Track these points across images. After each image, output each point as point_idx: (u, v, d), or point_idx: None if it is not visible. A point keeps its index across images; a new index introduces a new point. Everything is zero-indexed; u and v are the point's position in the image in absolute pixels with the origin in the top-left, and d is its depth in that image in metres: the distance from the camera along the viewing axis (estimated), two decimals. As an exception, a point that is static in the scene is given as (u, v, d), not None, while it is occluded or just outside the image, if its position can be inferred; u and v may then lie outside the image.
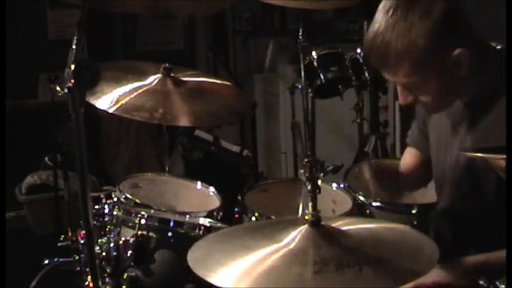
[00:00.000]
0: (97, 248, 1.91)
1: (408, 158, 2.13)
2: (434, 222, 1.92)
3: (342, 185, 2.21)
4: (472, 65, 1.60)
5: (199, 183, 2.36)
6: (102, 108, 2.03)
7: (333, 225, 1.37)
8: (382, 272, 1.21)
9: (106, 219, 2.07)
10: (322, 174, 2.40)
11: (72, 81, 1.26)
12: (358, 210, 2.07)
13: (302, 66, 3.13)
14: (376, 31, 1.59)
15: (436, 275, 1.61)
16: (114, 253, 1.91)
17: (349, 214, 2.01)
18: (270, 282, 1.20)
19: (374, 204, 2.09)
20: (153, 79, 2.22)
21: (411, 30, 1.55)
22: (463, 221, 1.81)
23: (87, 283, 1.97)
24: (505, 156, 1.31)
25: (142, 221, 1.96)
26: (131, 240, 1.92)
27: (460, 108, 1.74)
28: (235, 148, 3.65)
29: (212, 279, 1.22)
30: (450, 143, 1.80)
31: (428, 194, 2.19)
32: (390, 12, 1.58)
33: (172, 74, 2.24)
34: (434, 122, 1.89)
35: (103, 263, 1.90)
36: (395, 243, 1.35)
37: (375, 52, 1.61)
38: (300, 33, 3.09)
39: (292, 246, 1.29)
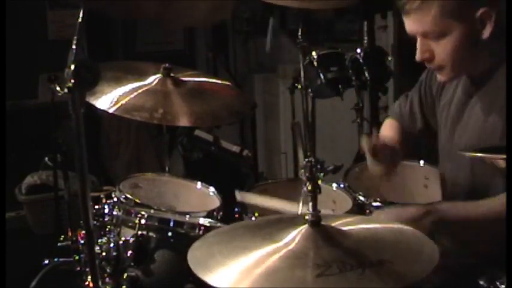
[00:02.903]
0: (97, 248, 1.90)
1: (388, 131, 2.15)
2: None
3: (342, 185, 2.21)
4: (494, 29, 1.63)
5: (199, 183, 2.36)
6: (102, 108, 2.03)
7: (333, 224, 1.37)
8: (384, 274, 1.20)
9: (106, 219, 2.07)
10: (322, 174, 2.41)
11: (72, 81, 1.26)
12: (358, 210, 2.07)
13: (302, 66, 3.13)
14: None
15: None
16: (114, 253, 1.91)
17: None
18: (271, 284, 1.20)
19: (374, 204, 2.09)
20: (153, 79, 2.21)
21: None
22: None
23: (87, 283, 1.97)
24: (505, 156, 1.31)
25: (142, 221, 1.96)
26: (131, 240, 1.92)
27: (468, 84, 1.80)
28: (235, 148, 3.64)
29: (212, 280, 1.22)
30: (460, 119, 1.83)
31: (428, 194, 2.19)
32: None
33: (172, 74, 2.23)
34: (445, 100, 1.92)
35: (103, 263, 1.90)
36: (395, 243, 1.34)
37: None
38: (300, 33, 3.09)
39: (292, 246, 1.29)
